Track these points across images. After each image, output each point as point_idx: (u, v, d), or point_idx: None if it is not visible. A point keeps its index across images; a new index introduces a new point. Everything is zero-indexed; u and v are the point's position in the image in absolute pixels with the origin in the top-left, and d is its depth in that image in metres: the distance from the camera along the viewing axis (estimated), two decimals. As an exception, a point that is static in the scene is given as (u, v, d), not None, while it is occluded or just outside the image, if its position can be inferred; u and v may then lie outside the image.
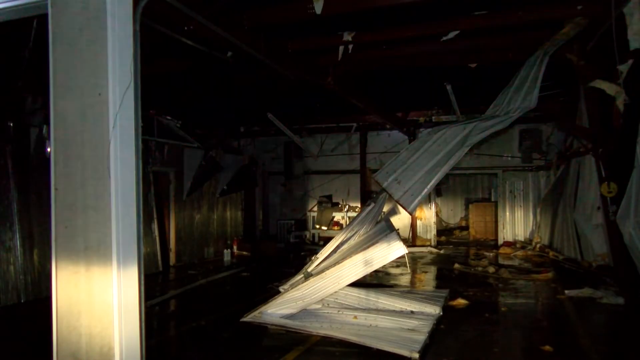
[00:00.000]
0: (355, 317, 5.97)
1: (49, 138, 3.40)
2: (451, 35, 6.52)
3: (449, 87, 9.56)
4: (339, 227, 13.55)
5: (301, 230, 14.89)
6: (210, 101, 11.22)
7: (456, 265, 10.03)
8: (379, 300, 6.45)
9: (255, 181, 14.92)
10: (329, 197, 15.06)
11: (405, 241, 10.14)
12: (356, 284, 6.32)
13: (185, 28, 5.23)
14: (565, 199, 10.37)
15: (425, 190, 6.42)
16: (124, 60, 3.33)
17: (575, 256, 9.71)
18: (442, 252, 12.53)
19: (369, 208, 7.41)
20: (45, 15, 3.49)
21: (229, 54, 7.01)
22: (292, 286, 6.32)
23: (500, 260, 10.94)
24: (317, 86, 8.26)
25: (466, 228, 16.42)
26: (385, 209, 9.12)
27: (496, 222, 14.01)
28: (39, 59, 4.43)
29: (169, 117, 11.42)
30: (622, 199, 6.82)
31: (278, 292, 6.57)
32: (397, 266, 10.10)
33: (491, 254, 11.72)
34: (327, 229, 14.06)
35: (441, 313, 6.18)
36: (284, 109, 12.00)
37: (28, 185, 7.59)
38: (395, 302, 6.41)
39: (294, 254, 12.64)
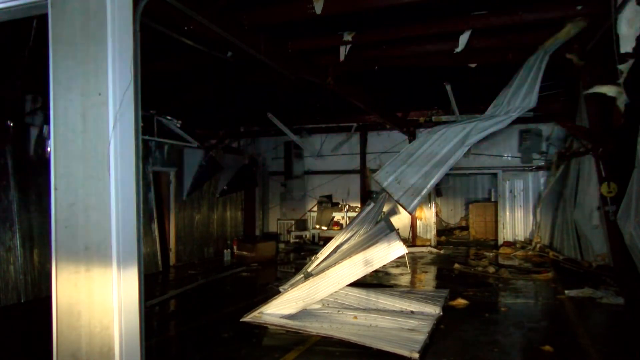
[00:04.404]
0: (355, 317, 5.97)
1: (49, 138, 3.40)
2: (463, 42, 6.48)
3: (448, 87, 9.57)
4: (339, 227, 13.56)
5: (301, 230, 14.90)
6: (210, 101, 11.22)
7: (456, 265, 10.03)
8: (379, 300, 6.45)
9: (255, 181, 14.92)
10: (329, 197, 15.06)
11: (405, 241, 10.15)
12: (356, 284, 6.32)
13: (185, 28, 5.23)
14: (565, 199, 10.37)
15: (425, 190, 6.43)
16: (124, 60, 3.33)
17: (575, 256, 9.71)
18: (442, 252, 12.53)
19: (369, 208, 7.41)
20: (45, 15, 3.49)
21: (229, 54, 7.01)
22: (292, 286, 6.32)
23: (500, 260, 10.94)
24: (317, 86, 8.26)
25: (466, 228, 16.41)
26: (385, 209, 9.12)
27: (496, 222, 14.01)
28: (39, 59, 4.42)
29: (169, 117, 11.43)
30: (622, 199, 6.82)
31: (278, 292, 6.57)
32: (397, 266, 10.10)
33: (491, 254, 11.72)
34: (327, 229, 14.06)
35: (441, 313, 6.19)
36: (284, 109, 12.00)
37: (28, 185, 7.59)
38: (395, 302, 6.41)
39: (294, 254, 12.65)
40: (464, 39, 6.50)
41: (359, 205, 14.23)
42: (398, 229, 6.94)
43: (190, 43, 6.24)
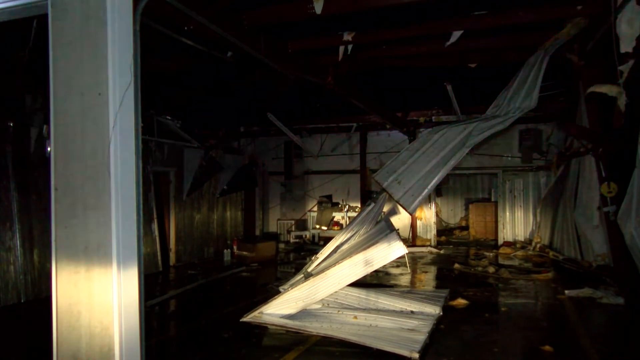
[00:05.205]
0: (355, 317, 5.97)
1: (49, 138, 3.40)
2: (454, 38, 6.51)
3: (449, 87, 9.57)
4: (339, 227, 13.55)
5: (301, 230, 14.90)
6: (210, 101, 11.22)
7: (456, 265, 10.03)
8: (379, 300, 6.45)
9: (255, 181, 14.92)
10: (329, 197, 15.06)
11: (405, 241, 10.15)
12: (356, 284, 6.32)
13: (185, 28, 5.23)
14: (565, 199, 10.36)
15: (426, 190, 6.42)
16: (124, 60, 3.33)
17: (575, 256, 9.71)
18: (442, 252, 12.53)
19: (369, 208, 7.41)
20: (45, 15, 3.49)
21: (229, 54, 7.01)
22: (292, 286, 6.32)
23: (500, 260, 10.94)
24: (317, 86, 8.26)
25: (466, 228, 16.42)
26: (385, 209, 9.12)
27: (496, 222, 14.01)
28: (39, 59, 4.42)
29: (169, 117, 11.43)
30: (622, 199, 6.81)
31: (278, 292, 6.56)
32: (397, 266, 10.10)
33: (491, 254, 11.72)
34: (327, 229, 14.06)
35: (441, 313, 6.18)
36: (284, 109, 12.01)
37: (28, 185, 7.59)
38: (395, 302, 6.41)
39: (294, 254, 12.65)
40: (456, 34, 6.49)
41: (359, 205, 14.23)
42: (398, 229, 6.94)
43: (190, 43, 6.24)
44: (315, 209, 15.12)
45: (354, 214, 12.82)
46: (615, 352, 5.22)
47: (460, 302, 6.96)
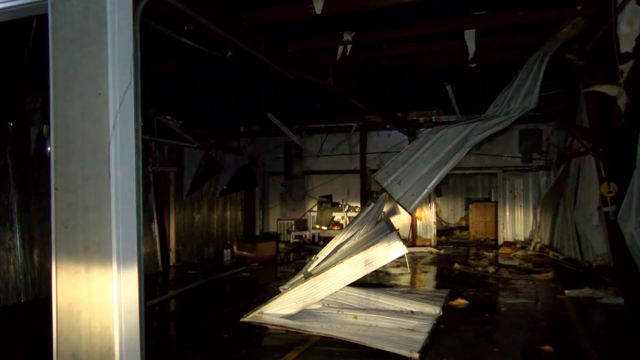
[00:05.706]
0: (355, 317, 5.97)
1: (49, 138, 3.40)
2: (471, 49, 6.50)
3: (449, 87, 9.56)
4: (339, 227, 13.56)
5: (301, 230, 14.90)
6: (210, 101, 11.22)
7: (456, 265, 10.03)
8: (379, 300, 6.46)
9: (255, 181, 14.92)
10: (329, 197, 15.06)
11: (405, 241, 10.14)
12: (356, 284, 6.32)
13: (185, 28, 5.23)
14: (565, 199, 10.36)
15: (426, 190, 6.42)
16: (124, 60, 3.33)
17: (575, 256, 9.71)
18: (442, 252, 12.53)
19: (369, 208, 7.41)
20: (45, 15, 3.49)
21: (229, 54, 7.01)
22: (292, 286, 6.32)
23: (500, 260, 10.94)
24: (317, 86, 8.26)
25: (466, 228, 16.41)
26: (385, 209, 9.12)
27: (496, 222, 14.01)
28: (39, 59, 4.42)
29: (169, 117, 11.43)
30: (622, 199, 6.81)
31: (278, 292, 6.56)
32: (397, 266, 10.10)
33: (491, 254, 11.72)
34: (327, 229, 14.06)
35: (441, 313, 6.19)
36: (284, 109, 12.01)
37: (28, 185, 7.59)
38: (395, 302, 6.41)
39: (294, 254, 12.65)
40: (471, 47, 6.50)
41: (359, 205, 14.23)
42: (398, 229, 6.93)
43: (190, 43, 6.24)
44: (315, 209, 15.12)
45: (354, 214, 12.82)
46: (615, 352, 5.22)
47: (460, 302, 6.96)
